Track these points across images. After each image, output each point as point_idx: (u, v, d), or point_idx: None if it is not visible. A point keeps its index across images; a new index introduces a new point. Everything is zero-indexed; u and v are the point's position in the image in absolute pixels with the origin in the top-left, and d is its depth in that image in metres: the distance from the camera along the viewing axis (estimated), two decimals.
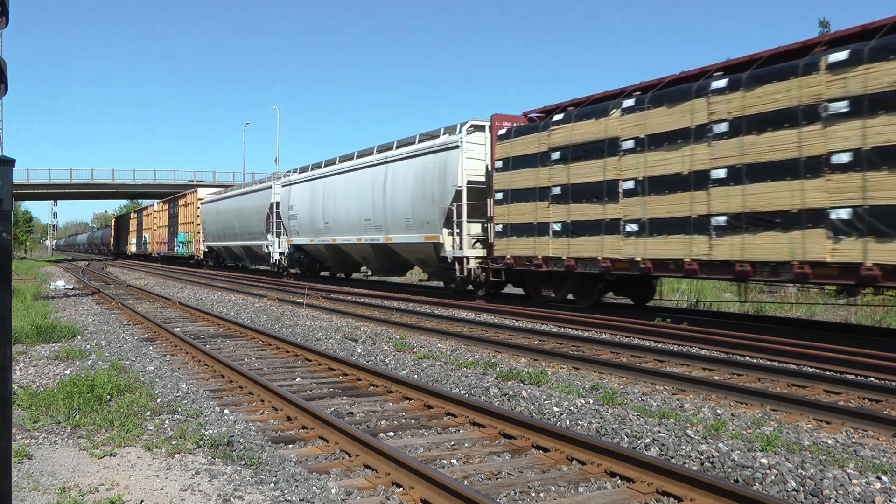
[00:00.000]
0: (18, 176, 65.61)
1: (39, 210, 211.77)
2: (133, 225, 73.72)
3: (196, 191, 47.54)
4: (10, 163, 3.02)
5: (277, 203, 31.75)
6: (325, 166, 27.59)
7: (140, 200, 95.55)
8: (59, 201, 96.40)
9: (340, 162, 26.65)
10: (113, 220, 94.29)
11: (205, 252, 45.51)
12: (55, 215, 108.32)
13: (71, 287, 26.35)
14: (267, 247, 33.06)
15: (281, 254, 32.06)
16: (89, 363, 9.63)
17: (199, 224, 45.44)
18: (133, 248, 72.42)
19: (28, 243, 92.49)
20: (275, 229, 32.06)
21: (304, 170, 29.96)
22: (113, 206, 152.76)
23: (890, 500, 4.42)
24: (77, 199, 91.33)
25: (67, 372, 9.00)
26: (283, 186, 30.96)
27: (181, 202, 50.94)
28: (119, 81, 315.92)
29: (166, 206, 56.10)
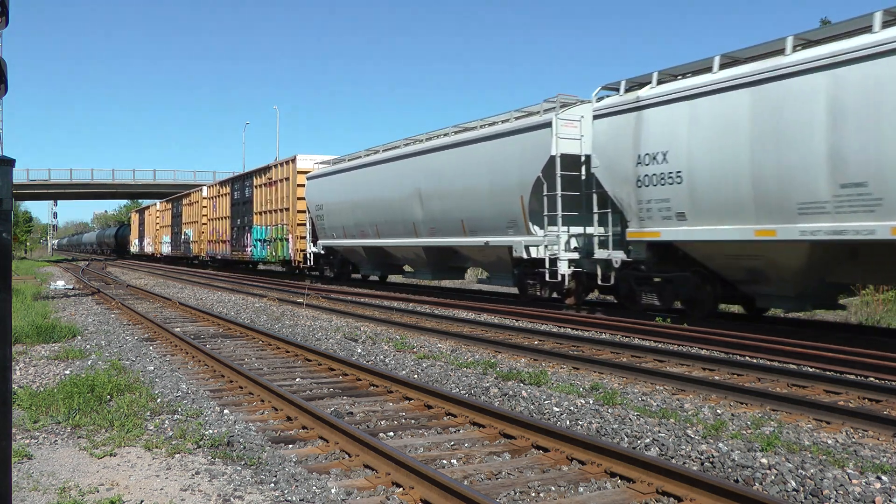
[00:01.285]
0: (18, 176, 65.71)
1: (39, 210, 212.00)
2: (164, 218, 56.17)
3: (294, 160, 29.28)
4: (10, 163, 3.02)
5: (574, 159, 15.51)
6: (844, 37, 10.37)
7: (140, 200, 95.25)
8: (59, 201, 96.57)
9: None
10: (134, 215, 74.20)
11: (317, 255, 28.04)
12: (55, 215, 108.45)
13: (71, 287, 26.35)
14: (528, 247, 16.23)
15: (578, 261, 15.58)
16: (89, 363, 9.63)
17: (301, 212, 28.64)
18: (165, 249, 54.96)
19: (28, 243, 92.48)
20: (557, 212, 15.42)
21: (666, 77, 13.23)
22: (113, 206, 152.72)
23: (890, 500, 4.42)
24: (77, 199, 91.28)
25: (67, 372, 9.00)
26: (597, 119, 14.27)
27: (259, 181, 33.50)
28: (119, 81, 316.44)
29: (227, 190, 38.80)
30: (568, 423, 6.53)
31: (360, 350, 10.85)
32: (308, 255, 28.28)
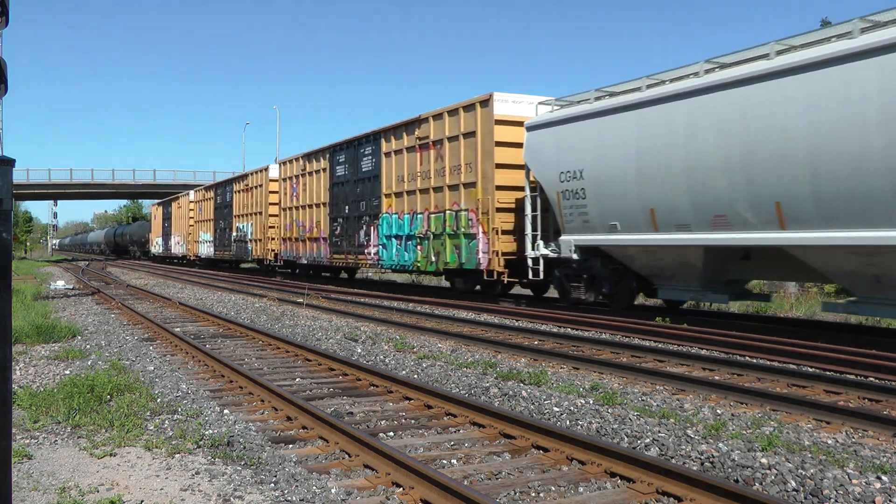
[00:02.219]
0: (18, 176, 65.70)
1: (39, 210, 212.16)
2: (203, 211, 43.75)
3: (489, 102, 17.29)
4: (10, 163, 3.02)
5: None
6: None
7: (140, 200, 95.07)
8: (59, 201, 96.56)
9: None
10: (155, 209, 59.94)
11: (551, 262, 16.17)
12: (55, 215, 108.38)
13: (71, 287, 26.34)
14: None
15: None
16: (89, 363, 9.63)
17: (504, 189, 17.38)
18: (203, 250, 43.66)
19: (28, 243, 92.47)
20: None
21: None
22: (113, 206, 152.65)
23: (890, 500, 4.42)
24: (77, 199, 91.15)
25: (67, 372, 9.00)
26: None
27: (391, 145, 21.37)
28: (119, 81, 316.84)
29: (321, 164, 26.23)
30: (568, 423, 6.53)
31: (360, 350, 10.85)
32: (532, 261, 16.42)
